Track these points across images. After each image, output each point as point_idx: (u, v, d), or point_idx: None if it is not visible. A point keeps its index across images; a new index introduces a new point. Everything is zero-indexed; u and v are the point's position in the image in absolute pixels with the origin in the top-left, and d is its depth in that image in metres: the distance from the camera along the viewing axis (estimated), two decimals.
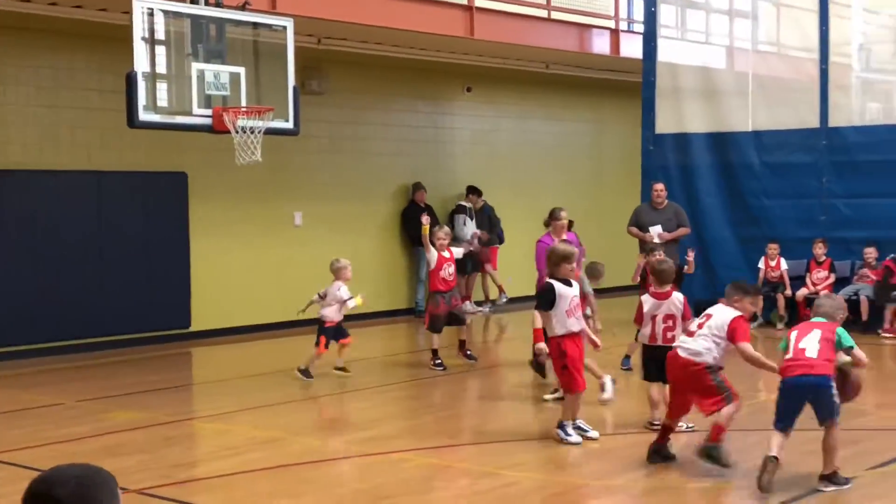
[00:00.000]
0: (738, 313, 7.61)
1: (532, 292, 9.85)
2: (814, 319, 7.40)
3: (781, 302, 15.60)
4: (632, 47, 18.22)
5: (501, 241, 18.65)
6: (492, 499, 7.00)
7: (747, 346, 7.45)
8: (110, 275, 14.18)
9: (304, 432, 8.69)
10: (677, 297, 8.79)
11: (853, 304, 15.01)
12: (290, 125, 11.80)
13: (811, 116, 16.11)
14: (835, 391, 6.97)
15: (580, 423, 8.50)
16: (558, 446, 8.23)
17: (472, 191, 18.31)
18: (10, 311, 13.30)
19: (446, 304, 12.10)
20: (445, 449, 8.35)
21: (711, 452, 7.36)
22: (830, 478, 7.05)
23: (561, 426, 8.37)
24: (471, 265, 17.75)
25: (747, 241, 16.19)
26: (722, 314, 7.61)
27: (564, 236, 11.89)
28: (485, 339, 16.29)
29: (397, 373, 12.30)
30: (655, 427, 8.24)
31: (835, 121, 15.99)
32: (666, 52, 17.20)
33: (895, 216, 15.17)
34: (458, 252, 12.51)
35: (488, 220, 18.40)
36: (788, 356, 7.04)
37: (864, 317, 14.83)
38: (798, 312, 15.42)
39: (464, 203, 18.21)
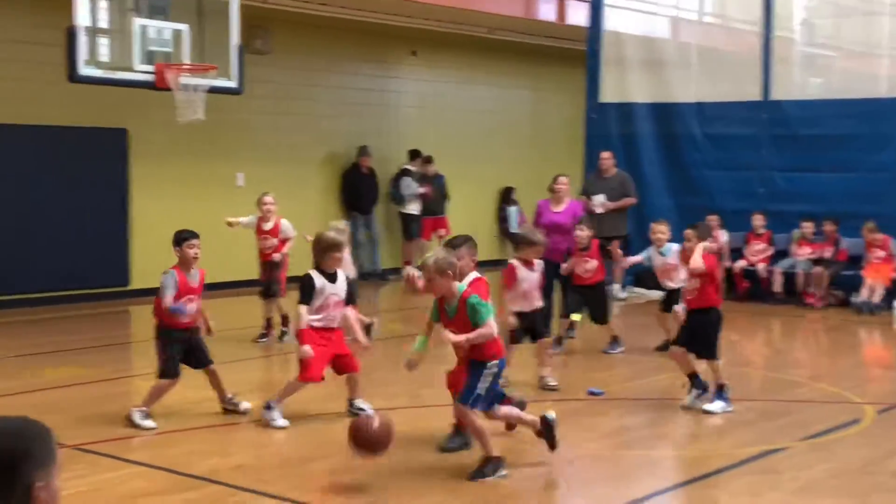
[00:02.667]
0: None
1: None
2: None
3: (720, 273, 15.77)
4: (578, 15, 18.22)
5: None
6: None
7: None
8: (47, 231, 13.98)
9: (242, 393, 8.64)
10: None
11: (789, 277, 15.26)
12: (233, 84, 11.68)
13: (753, 89, 16.24)
14: None
15: (359, 401, 8.00)
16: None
17: (417, 155, 18.26)
18: None
19: None
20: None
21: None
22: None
23: (267, 406, 7.88)
24: (416, 229, 17.78)
25: (688, 211, 16.28)
26: None
27: (565, 205, 11.82)
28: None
29: None
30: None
31: (776, 94, 16.15)
32: (612, 20, 17.24)
33: (832, 191, 15.39)
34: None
35: (440, 191, 18.35)
36: None
37: (799, 289, 15.07)
38: (736, 285, 15.62)
39: (409, 167, 18.15)
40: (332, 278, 7.93)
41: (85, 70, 10.42)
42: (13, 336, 11.88)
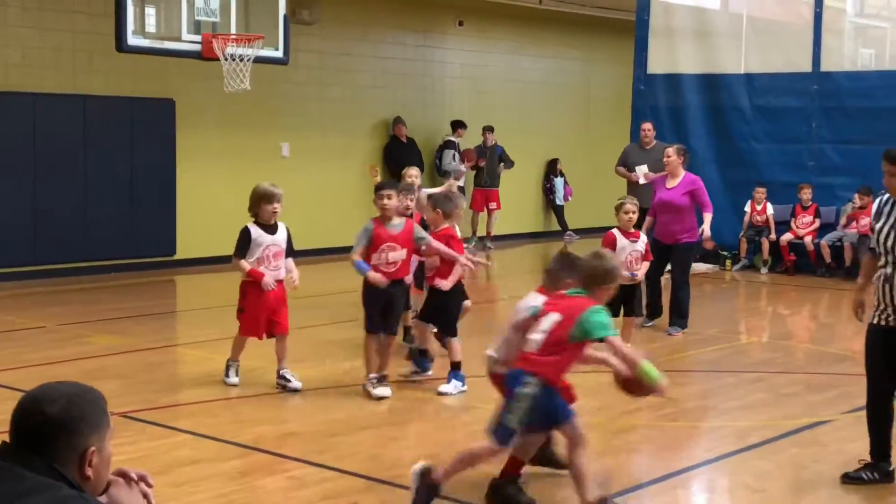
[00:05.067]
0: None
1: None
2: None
3: (766, 246, 15.65)
4: None
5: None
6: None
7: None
8: (94, 200, 14.11)
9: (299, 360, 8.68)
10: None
11: (836, 251, 15.10)
12: (279, 54, 11.71)
13: (803, 60, 16.03)
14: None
15: (284, 372, 8.02)
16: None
17: (460, 126, 18.15)
18: None
19: None
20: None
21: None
22: None
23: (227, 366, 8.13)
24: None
25: (734, 184, 16.18)
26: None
27: (679, 179, 10.83)
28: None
29: None
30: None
31: (827, 65, 15.93)
32: None
33: (876, 164, 15.14)
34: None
35: (499, 160, 18.33)
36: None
37: (847, 263, 14.88)
38: (782, 257, 15.49)
39: (451, 138, 18.12)
40: (270, 230, 7.96)
41: (133, 40, 10.48)
42: (63, 304, 12.03)
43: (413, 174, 9.61)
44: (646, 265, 9.10)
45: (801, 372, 8.91)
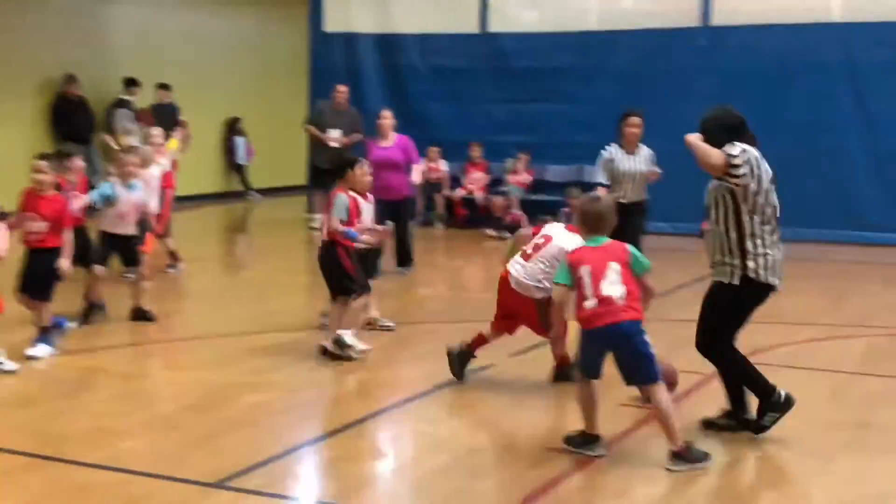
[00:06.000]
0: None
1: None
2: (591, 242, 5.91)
3: (440, 202, 16.20)
4: None
5: None
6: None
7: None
8: None
9: None
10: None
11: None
12: None
13: (472, 22, 16.64)
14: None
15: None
16: None
17: (133, 84, 17.53)
18: None
19: None
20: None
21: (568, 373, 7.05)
22: (681, 455, 5.68)
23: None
24: None
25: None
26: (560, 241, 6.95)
27: (392, 140, 11.74)
28: None
29: None
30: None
31: (494, 27, 16.61)
32: None
33: (546, 121, 16.02)
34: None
35: (170, 118, 17.79)
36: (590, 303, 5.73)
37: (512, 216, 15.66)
38: (454, 212, 16.12)
39: (124, 97, 17.43)
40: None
41: None
42: None
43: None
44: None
45: (469, 321, 9.27)
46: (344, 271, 7.90)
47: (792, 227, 9.57)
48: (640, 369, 5.70)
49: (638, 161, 10.07)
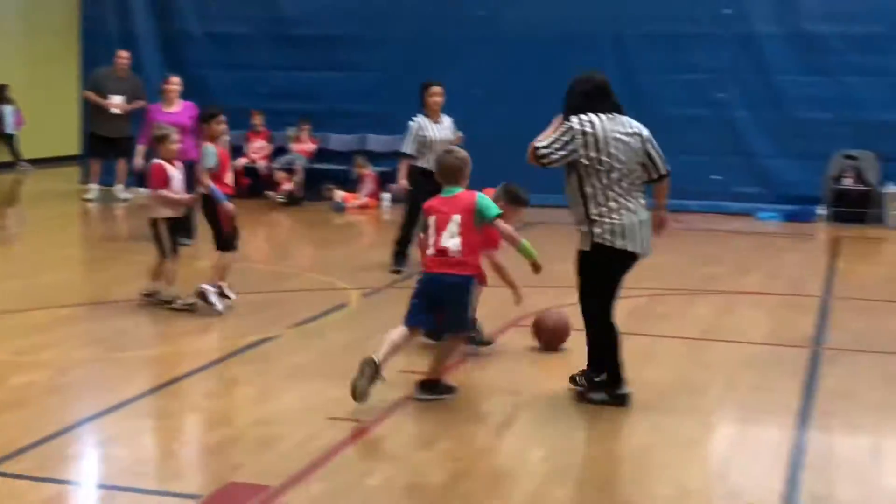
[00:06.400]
0: None
1: None
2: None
3: None
4: None
5: None
6: None
7: None
8: None
9: None
10: None
11: (289, 173, 15.73)
12: None
13: None
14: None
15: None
16: None
17: None
18: None
19: None
20: None
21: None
22: (428, 385, 6.26)
23: None
24: None
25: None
26: None
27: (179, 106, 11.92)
28: None
29: None
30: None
31: None
32: None
33: (328, 89, 15.97)
34: None
35: None
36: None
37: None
38: (237, 181, 15.84)
39: None
40: None
41: None
42: None
43: None
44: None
45: (251, 292, 9.19)
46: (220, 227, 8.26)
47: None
48: (454, 320, 6.18)
49: (443, 129, 10.34)
